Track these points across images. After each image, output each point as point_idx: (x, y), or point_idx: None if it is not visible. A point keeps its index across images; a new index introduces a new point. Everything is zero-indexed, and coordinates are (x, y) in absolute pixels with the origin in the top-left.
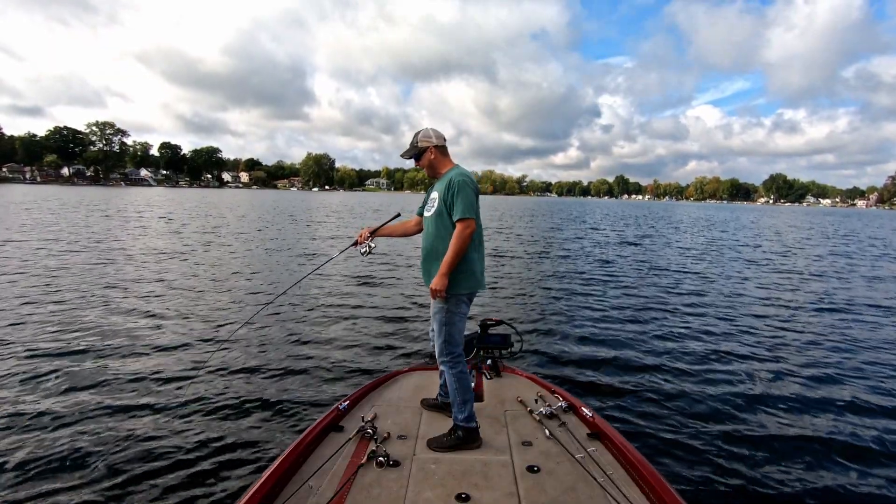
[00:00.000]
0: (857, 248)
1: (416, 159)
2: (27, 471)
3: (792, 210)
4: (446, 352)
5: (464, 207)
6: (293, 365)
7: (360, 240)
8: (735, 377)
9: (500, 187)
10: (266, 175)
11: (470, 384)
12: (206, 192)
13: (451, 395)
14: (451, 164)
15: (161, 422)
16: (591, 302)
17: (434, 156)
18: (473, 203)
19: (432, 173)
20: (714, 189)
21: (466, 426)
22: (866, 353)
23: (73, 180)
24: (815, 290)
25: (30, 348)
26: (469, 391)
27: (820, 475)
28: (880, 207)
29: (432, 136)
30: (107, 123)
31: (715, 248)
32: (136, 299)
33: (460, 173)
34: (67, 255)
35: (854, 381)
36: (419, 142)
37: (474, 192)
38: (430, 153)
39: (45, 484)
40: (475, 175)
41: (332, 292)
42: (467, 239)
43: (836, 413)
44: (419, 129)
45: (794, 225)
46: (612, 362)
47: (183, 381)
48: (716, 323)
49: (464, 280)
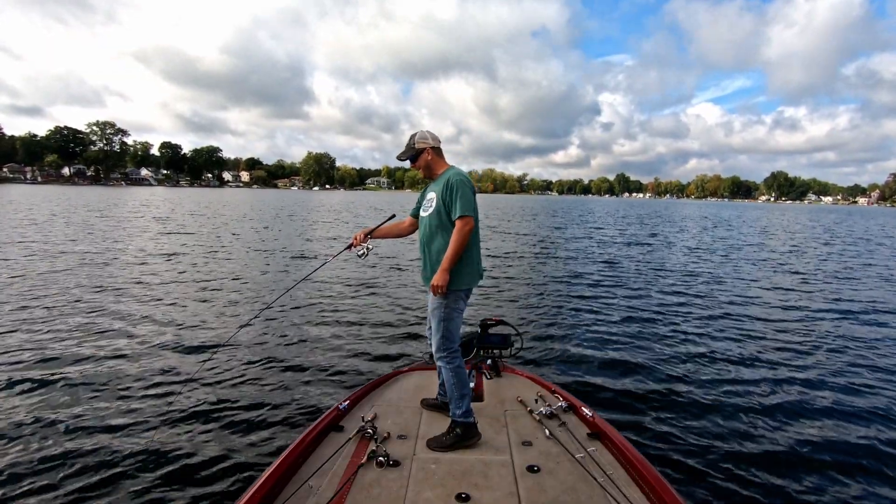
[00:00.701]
0: (873, 248)
1: (413, 161)
2: (25, 470)
3: (796, 208)
4: (444, 347)
5: (463, 205)
6: (293, 365)
7: (356, 242)
8: (736, 378)
9: (501, 186)
10: (267, 174)
11: (467, 379)
12: (206, 191)
13: (449, 390)
14: (446, 165)
15: (161, 422)
16: (592, 302)
17: (431, 157)
18: (472, 201)
19: (428, 174)
20: (715, 187)
21: (465, 421)
22: (870, 355)
23: (73, 180)
24: (821, 291)
25: (25, 348)
26: (467, 386)
27: (820, 475)
28: (882, 205)
29: (429, 138)
30: (107, 123)
31: (722, 248)
32: (136, 299)
33: (457, 173)
34: (61, 255)
35: (856, 383)
36: (416, 143)
37: (472, 190)
38: (427, 154)
39: (44, 484)
40: (474, 174)
41: (331, 293)
42: (467, 235)
43: (836, 414)
44: (415, 131)
45: (802, 223)
46: (613, 362)
47: (183, 381)
48: (717, 324)
49: (464, 276)
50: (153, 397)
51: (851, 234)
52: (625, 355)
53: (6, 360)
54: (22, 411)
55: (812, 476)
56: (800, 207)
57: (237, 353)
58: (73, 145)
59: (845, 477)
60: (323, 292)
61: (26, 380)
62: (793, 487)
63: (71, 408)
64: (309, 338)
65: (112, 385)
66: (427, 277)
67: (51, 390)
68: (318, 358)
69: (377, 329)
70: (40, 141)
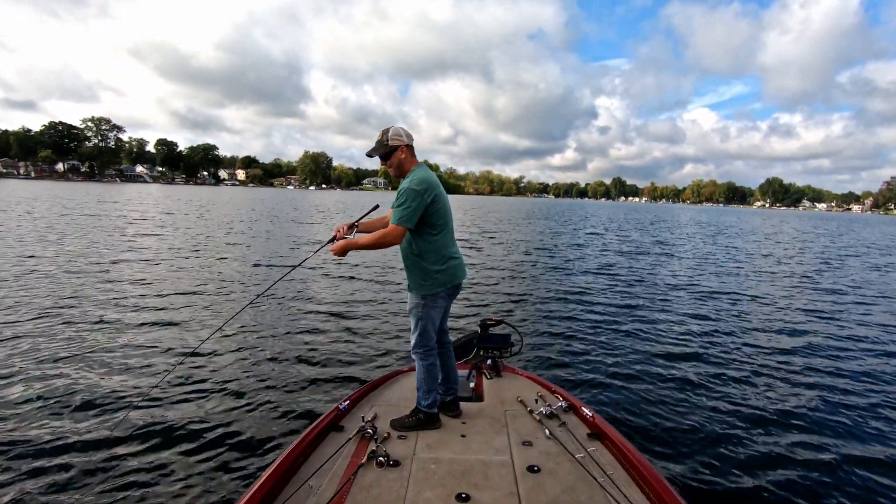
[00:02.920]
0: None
1: (385, 158)
2: (22, 470)
3: (790, 214)
4: (420, 345)
5: (399, 214)
6: (293, 365)
7: (339, 235)
8: (737, 379)
9: (498, 188)
10: (263, 173)
11: (437, 375)
12: (202, 189)
13: (419, 382)
14: (416, 163)
15: (160, 422)
16: (592, 302)
17: (405, 155)
18: (412, 213)
19: (399, 173)
20: (711, 192)
21: (429, 412)
22: (878, 362)
23: (67, 176)
24: (820, 298)
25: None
26: (436, 381)
27: (820, 476)
28: (875, 212)
29: (403, 135)
30: (102, 119)
31: (723, 253)
32: (133, 300)
33: (414, 181)
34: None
35: (857, 385)
36: (389, 140)
37: (420, 201)
38: (401, 153)
39: (43, 484)
40: (471, 175)
41: (331, 293)
42: (387, 243)
43: (836, 414)
44: (387, 127)
45: (804, 230)
46: (613, 362)
47: (183, 381)
48: (718, 325)
49: (429, 282)
50: (153, 396)
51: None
52: (625, 355)
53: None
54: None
55: (812, 476)
56: (794, 214)
57: (236, 354)
58: (67, 141)
59: (845, 477)
60: (322, 292)
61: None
62: (793, 487)
63: (66, 408)
64: (309, 338)
65: (112, 385)
66: (408, 280)
67: (36, 388)
68: (317, 358)
69: (377, 329)
70: (34, 136)
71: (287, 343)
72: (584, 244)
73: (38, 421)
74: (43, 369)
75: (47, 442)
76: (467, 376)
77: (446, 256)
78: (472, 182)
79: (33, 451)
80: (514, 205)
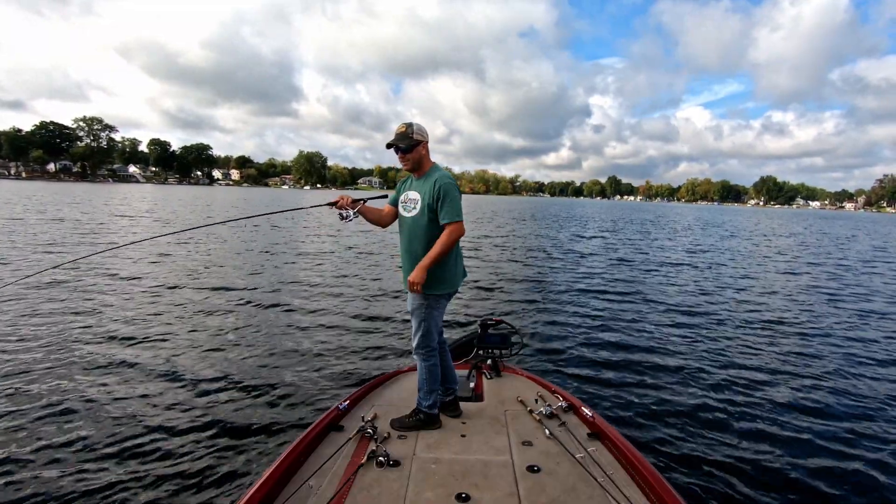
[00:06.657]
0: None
1: (407, 151)
2: (18, 469)
3: (784, 212)
4: (423, 346)
5: (455, 211)
6: (293, 365)
7: (341, 204)
8: (737, 379)
9: (494, 187)
10: (257, 173)
11: (439, 376)
12: (196, 189)
13: (420, 382)
14: (432, 163)
15: (160, 423)
16: (592, 302)
17: (425, 151)
18: (460, 206)
19: (414, 167)
20: (705, 191)
21: (430, 412)
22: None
23: (59, 176)
24: (824, 296)
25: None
26: (437, 382)
27: (820, 476)
28: (868, 210)
29: (425, 133)
30: (94, 119)
31: (721, 252)
32: (135, 298)
33: (445, 176)
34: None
35: (859, 386)
36: (414, 134)
37: (460, 195)
38: (424, 148)
39: (41, 485)
40: (466, 175)
41: (331, 293)
42: (455, 241)
43: (836, 415)
44: (410, 122)
45: (799, 231)
46: (613, 362)
47: (182, 381)
48: (718, 325)
49: (446, 281)
50: (153, 397)
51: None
52: (625, 355)
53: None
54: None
55: (812, 476)
56: (788, 212)
57: (236, 354)
58: (58, 141)
59: (845, 477)
60: (322, 292)
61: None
62: (793, 487)
63: (65, 411)
64: (309, 338)
65: (111, 385)
66: (406, 279)
67: (32, 390)
68: (317, 358)
69: (377, 329)
70: (25, 136)
71: (287, 343)
72: (584, 244)
73: (38, 422)
74: (33, 374)
75: (43, 448)
76: (467, 376)
77: (458, 261)
78: (467, 181)
79: (27, 455)
80: (511, 204)
